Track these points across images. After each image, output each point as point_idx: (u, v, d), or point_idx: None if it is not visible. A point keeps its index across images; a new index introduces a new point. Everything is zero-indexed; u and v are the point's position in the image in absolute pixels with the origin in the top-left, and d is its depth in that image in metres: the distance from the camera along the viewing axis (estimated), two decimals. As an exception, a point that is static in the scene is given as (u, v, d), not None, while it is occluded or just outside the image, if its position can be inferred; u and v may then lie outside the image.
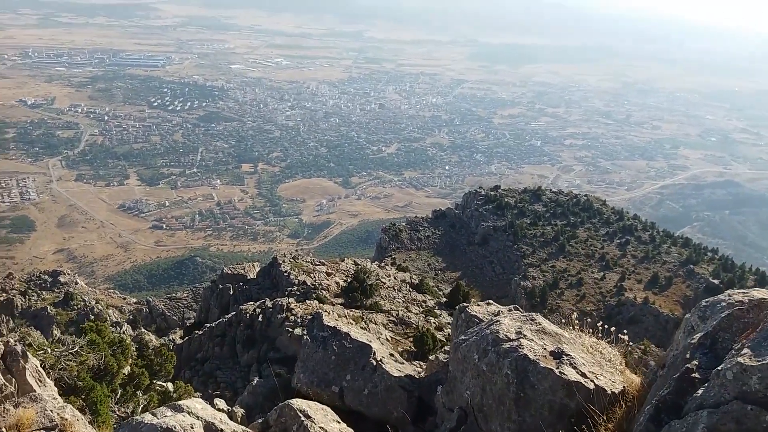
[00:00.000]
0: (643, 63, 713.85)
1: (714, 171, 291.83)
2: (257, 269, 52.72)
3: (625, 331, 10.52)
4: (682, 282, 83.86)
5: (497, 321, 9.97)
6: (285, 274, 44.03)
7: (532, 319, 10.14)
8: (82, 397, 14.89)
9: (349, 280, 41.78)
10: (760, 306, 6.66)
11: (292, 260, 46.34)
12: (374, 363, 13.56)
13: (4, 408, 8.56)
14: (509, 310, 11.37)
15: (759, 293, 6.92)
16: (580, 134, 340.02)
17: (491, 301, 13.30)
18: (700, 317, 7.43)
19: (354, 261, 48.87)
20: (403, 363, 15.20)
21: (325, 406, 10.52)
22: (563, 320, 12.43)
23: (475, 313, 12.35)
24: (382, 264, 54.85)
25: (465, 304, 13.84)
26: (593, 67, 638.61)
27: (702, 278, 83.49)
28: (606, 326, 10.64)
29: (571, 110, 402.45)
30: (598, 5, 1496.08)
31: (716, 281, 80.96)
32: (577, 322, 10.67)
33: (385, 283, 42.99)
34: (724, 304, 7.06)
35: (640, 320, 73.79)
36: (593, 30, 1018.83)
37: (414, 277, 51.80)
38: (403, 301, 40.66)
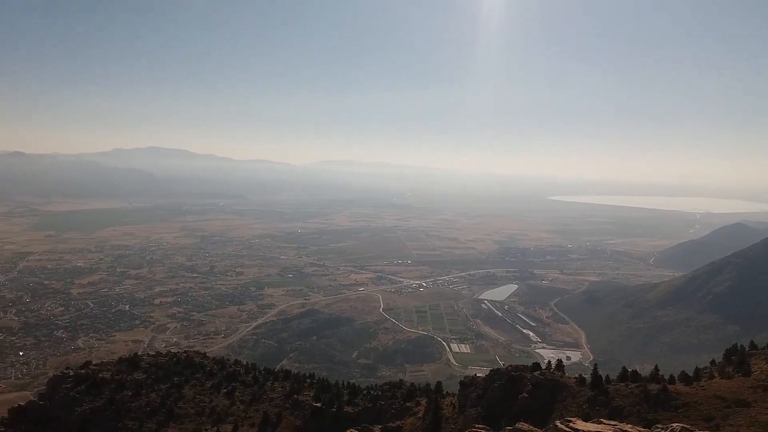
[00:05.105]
0: (214, 216, 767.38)
1: (296, 303, 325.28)
2: None
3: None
4: (290, 413, 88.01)
5: None
6: None
7: None
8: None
9: None
10: None
11: None
12: None
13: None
14: None
15: None
16: (169, 291, 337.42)
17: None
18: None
19: None
20: None
21: None
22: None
23: None
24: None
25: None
26: (168, 225, 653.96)
27: (306, 404, 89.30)
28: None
29: (155, 269, 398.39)
30: (167, 168, 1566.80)
31: (318, 404, 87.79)
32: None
33: None
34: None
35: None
36: (163, 191, 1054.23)
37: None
38: None
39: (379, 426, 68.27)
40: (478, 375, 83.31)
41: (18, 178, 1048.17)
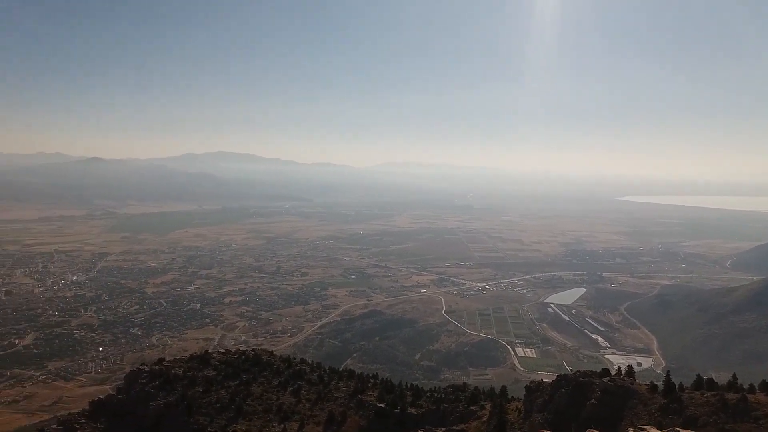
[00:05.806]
0: (280, 218, 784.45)
1: (360, 304, 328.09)
2: None
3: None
4: (354, 413, 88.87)
5: None
6: None
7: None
8: None
9: None
10: None
11: None
12: None
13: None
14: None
15: None
16: (238, 291, 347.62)
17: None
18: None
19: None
20: None
21: None
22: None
23: None
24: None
25: None
26: (236, 227, 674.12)
27: (370, 404, 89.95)
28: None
29: (225, 269, 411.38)
30: (235, 172, 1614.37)
31: (382, 404, 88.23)
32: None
33: None
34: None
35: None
36: (231, 194, 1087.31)
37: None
38: None
39: (443, 428, 68.16)
40: (544, 380, 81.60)
41: (96, 183, 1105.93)
